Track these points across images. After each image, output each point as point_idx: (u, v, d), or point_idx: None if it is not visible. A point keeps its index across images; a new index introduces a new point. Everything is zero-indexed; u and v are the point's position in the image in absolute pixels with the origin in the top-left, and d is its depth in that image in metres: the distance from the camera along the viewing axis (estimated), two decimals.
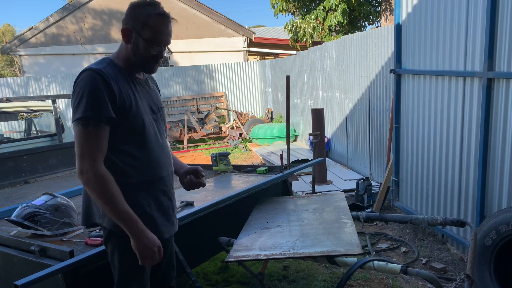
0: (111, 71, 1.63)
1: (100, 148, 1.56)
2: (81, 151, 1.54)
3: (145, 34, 1.63)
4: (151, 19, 1.62)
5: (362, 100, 5.93)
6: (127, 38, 1.66)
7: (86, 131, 1.53)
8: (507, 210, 2.61)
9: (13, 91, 11.21)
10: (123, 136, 1.65)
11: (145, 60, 1.67)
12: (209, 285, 3.29)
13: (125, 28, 1.65)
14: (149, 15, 1.62)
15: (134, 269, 1.71)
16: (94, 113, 1.53)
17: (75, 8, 13.27)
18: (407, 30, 4.09)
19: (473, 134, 3.17)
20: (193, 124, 10.66)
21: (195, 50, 14.19)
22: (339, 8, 10.55)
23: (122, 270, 1.71)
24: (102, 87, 1.56)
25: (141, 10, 1.63)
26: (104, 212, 1.67)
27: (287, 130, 3.30)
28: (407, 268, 1.84)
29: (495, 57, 2.89)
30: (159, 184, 1.77)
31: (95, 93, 1.55)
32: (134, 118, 1.65)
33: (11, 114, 5.00)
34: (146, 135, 1.70)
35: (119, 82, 1.63)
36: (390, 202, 4.72)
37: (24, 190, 3.62)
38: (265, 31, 24.46)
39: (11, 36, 28.23)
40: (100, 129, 1.55)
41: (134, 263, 1.68)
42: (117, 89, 1.60)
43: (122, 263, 1.71)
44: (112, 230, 1.69)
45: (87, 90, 1.55)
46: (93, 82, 1.56)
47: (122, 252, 1.70)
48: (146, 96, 1.77)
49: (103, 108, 1.55)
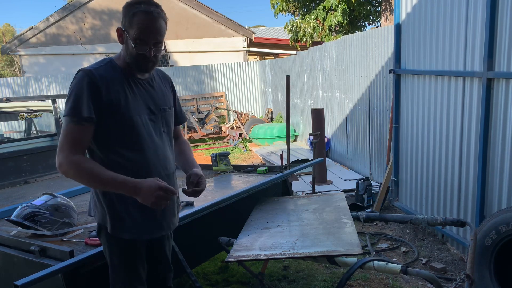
0: (104, 72, 1.64)
1: (77, 143, 1.59)
2: (59, 146, 1.59)
3: (132, 33, 1.61)
4: (136, 17, 1.60)
5: (362, 100, 5.93)
6: (120, 38, 1.67)
7: (66, 128, 1.59)
8: (507, 210, 2.61)
9: (13, 91, 11.21)
10: (115, 136, 1.66)
11: (135, 59, 1.65)
12: (209, 285, 3.29)
13: (118, 27, 1.67)
14: (135, 13, 1.60)
15: (124, 263, 1.74)
16: (74, 112, 1.57)
17: (75, 8, 13.27)
18: (407, 30, 4.09)
19: (473, 134, 3.17)
20: (193, 124, 10.66)
21: (195, 50, 14.19)
22: (339, 8, 10.55)
23: (112, 264, 1.75)
24: (86, 88, 1.59)
25: (130, 9, 1.62)
26: (94, 206, 1.73)
27: (287, 130, 3.30)
28: (407, 268, 1.84)
29: (495, 57, 2.89)
30: None
31: (79, 94, 1.59)
32: (122, 118, 1.64)
33: (11, 114, 5.00)
34: (137, 136, 1.68)
35: (110, 83, 1.64)
36: (390, 202, 4.72)
37: (24, 190, 3.62)
38: (265, 31, 24.46)
39: (11, 36, 28.22)
40: (79, 126, 1.58)
41: (123, 257, 1.73)
42: (105, 89, 1.61)
43: (112, 257, 1.74)
44: (101, 225, 1.74)
45: (74, 91, 1.60)
46: (79, 83, 1.60)
47: (110, 246, 1.74)
48: (145, 96, 1.75)
49: (83, 108, 1.58)
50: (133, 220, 1.71)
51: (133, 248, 1.74)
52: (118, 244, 1.72)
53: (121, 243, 1.72)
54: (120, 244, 1.72)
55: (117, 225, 1.69)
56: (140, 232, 1.73)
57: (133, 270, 1.75)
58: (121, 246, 1.72)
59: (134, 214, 1.71)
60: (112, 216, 1.69)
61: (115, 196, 1.67)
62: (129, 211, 1.69)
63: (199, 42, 14.23)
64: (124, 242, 1.72)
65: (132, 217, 1.70)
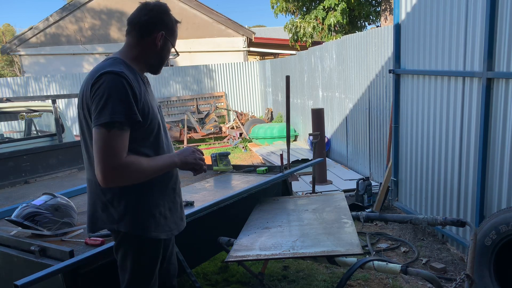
0: (129, 73, 1.60)
1: (123, 148, 1.53)
2: (102, 154, 1.49)
3: (172, 39, 1.77)
4: (175, 27, 1.78)
5: (362, 100, 5.93)
6: (158, 42, 1.72)
7: (109, 134, 1.49)
8: (507, 210, 2.61)
9: (13, 91, 11.20)
10: (141, 138, 1.64)
11: (164, 62, 1.81)
12: (209, 285, 3.29)
13: (161, 32, 1.71)
14: (175, 23, 1.77)
15: (146, 272, 1.74)
16: (122, 117, 1.50)
17: (75, 8, 13.26)
18: (407, 30, 4.09)
19: (473, 134, 3.17)
20: (193, 124, 10.66)
21: (195, 50, 14.18)
22: (339, 7, 10.55)
23: (134, 273, 1.72)
24: (127, 90, 1.53)
25: (170, 18, 1.75)
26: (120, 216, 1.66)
27: (287, 130, 3.30)
28: (407, 268, 1.84)
29: (495, 57, 2.89)
30: (171, 183, 1.80)
31: (121, 97, 1.52)
32: (152, 121, 1.66)
33: (11, 114, 5.00)
34: (160, 136, 1.73)
35: (138, 85, 1.62)
36: (390, 202, 4.72)
37: (24, 190, 3.62)
38: (265, 31, 24.45)
39: (11, 36, 28.22)
40: (123, 131, 1.52)
41: (147, 266, 1.73)
42: (138, 92, 1.59)
43: (136, 265, 1.71)
44: (128, 233, 1.68)
45: (113, 94, 1.51)
46: (118, 85, 1.52)
47: (137, 255, 1.71)
48: (152, 96, 1.80)
49: (131, 112, 1.53)
50: (165, 219, 1.74)
51: (160, 247, 1.77)
52: (149, 245, 1.71)
53: (152, 243, 1.72)
54: (151, 245, 1.72)
55: (155, 227, 1.69)
56: (172, 229, 1.78)
57: (155, 270, 1.78)
58: (151, 247, 1.72)
59: (165, 212, 1.74)
60: (149, 220, 1.68)
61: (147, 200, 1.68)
62: (160, 211, 1.72)
63: (199, 42, 14.23)
64: (155, 242, 1.73)
65: (164, 216, 1.74)
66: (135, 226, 1.67)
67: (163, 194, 1.75)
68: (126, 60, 1.69)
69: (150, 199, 1.69)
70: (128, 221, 1.67)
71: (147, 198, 1.68)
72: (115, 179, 1.53)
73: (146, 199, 1.68)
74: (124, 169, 1.51)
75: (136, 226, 1.67)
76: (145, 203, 1.68)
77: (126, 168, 1.52)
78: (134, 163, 1.54)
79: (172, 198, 1.80)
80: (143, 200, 1.67)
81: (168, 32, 1.73)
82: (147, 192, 1.69)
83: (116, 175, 1.51)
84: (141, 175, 1.58)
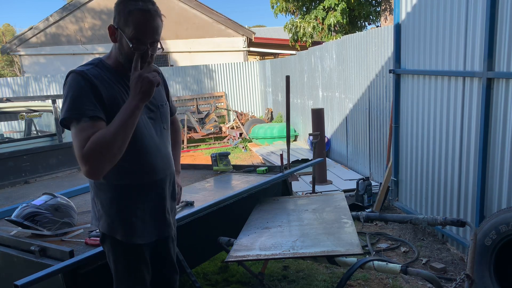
0: (97, 72, 1.57)
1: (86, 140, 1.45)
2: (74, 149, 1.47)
3: (127, 31, 1.52)
4: (133, 16, 1.51)
5: (362, 100, 5.93)
6: (113, 37, 1.58)
7: (73, 130, 1.49)
8: (507, 210, 2.61)
9: (13, 91, 11.21)
10: None
11: (130, 59, 1.55)
12: (209, 285, 3.29)
13: (110, 25, 1.58)
14: (131, 11, 1.51)
15: (129, 273, 1.72)
16: (75, 113, 1.48)
17: (75, 8, 13.27)
18: (407, 30, 4.09)
19: (473, 134, 3.17)
20: (193, 124, 10.66)
21: (195, 50, 14.18)
22: (339, 7, 10.55)
23: (118, 274, 1.72)
24: (86, 89, 1.51)
25: (124, 6, 1.53)
26: (100, 216, 1.66)
27: (287, 130, 3.29)
28: (407, 268, 1.84)
29: (495, 57, 2.89)
30: (153, 188, 1.72)
31: (77, 94, 1.50)
32: None
33: (11, 114, 5.00)
34: (139, 138, 1.63)
35: (105, 83, 1.57)
36: (390, 202, 4.72)
37: (24, 190, 3.62)
38: (265, 31, 24.45)
39: (11, 36, 28.22)
40: (84, 122, 1.47)
41: (128, 267, 1.70)
42: (103, 90, 1.55)
43: (116, 265, 1.71)
44: (105, 234, 1.69)
45: (70, 92, 1.51)
46: (75, 84, 1.51)
47: (116, 257, 1.71)
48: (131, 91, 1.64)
49: (86, 108, 1.49)
50: (143, 223, 1.69)
51: (140, 252, 1.72)
52: (125, 250, 1.69)
53: (128, 248, 1.69)
54: (127, 250, 1.69)
55: (129, 232, 1.67)
56: (150, 234, 1.73)
57: (138, 275, 1.74)
58: (127, 251, 1.69)
59: (143, 216, 1.70)
60: (123, 224, 1.66)
61: (122, 203, 1.65)
62: (137, 215, 1.68)
63: (199, 42, 14.22)
64: (131, 248, 1.69)
65: (142, 220, 1.69)
66: (109, 228, 1.65)
67: (144, 198, 1.69)
68: (105, 59, 1.66)
69: (127, 201, 1.65)
70: (104, 222, 1.67)
71: (122, 200, 1.64)
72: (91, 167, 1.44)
73: (121, 201, 1.64)
74: (90, 152, 1.42)
75: (110, 228, 1.65)
76: (120, 204, 1.63)
77: (90, 151, 1.42)
78: (93, 140, 1.43)
79: (156, 203, 1.74)
80: (117, 201, 1.63)
81: (122, 24, 1.53)
82: (123, 193, 1.65)
83: (86, 162, 1.43)
84: (111, 143, 1.44)
